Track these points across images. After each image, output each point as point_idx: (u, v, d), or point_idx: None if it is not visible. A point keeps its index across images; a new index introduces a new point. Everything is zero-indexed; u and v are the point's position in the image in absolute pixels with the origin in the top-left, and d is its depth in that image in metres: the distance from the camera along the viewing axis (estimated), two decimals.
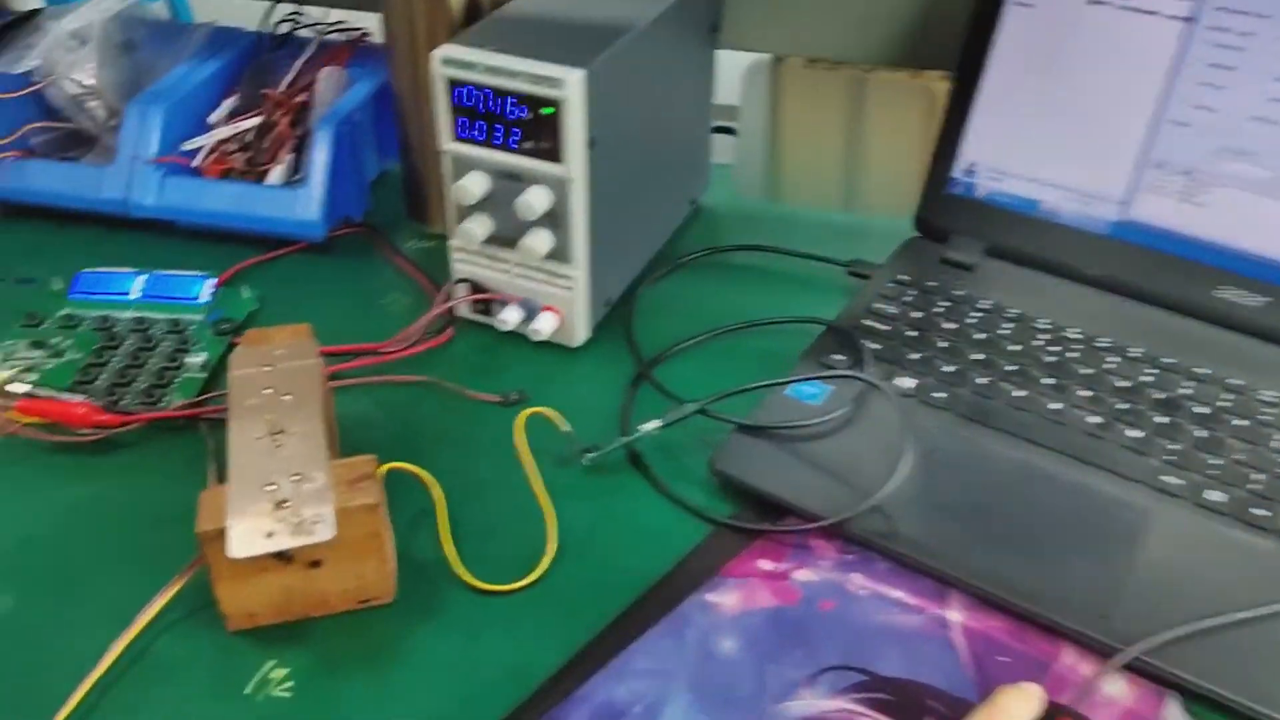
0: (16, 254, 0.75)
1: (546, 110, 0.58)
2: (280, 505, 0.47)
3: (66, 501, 0.57)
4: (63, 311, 0.68)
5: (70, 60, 0.78)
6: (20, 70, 0.78)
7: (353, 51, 0.81)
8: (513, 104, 0.58)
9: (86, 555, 0.54)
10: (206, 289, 0.69)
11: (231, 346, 0.66)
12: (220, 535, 0.46)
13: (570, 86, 0.57)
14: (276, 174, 0.75)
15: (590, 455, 0.57)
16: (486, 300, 0.66)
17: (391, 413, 0.62)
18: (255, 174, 0.76)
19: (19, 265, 0.73)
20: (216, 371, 0.65)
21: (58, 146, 0.79)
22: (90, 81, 0.78)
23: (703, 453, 0.58)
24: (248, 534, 0.45)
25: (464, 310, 0.68)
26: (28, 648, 0.49)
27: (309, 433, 0.51)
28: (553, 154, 0.59)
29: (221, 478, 0.56)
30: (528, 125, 0.59)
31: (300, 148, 0.76)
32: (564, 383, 0.65)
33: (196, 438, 0.60)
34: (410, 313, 0.70)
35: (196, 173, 0.76)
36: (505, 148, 0.60)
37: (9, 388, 0.60)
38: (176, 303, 0.68)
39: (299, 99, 0.78)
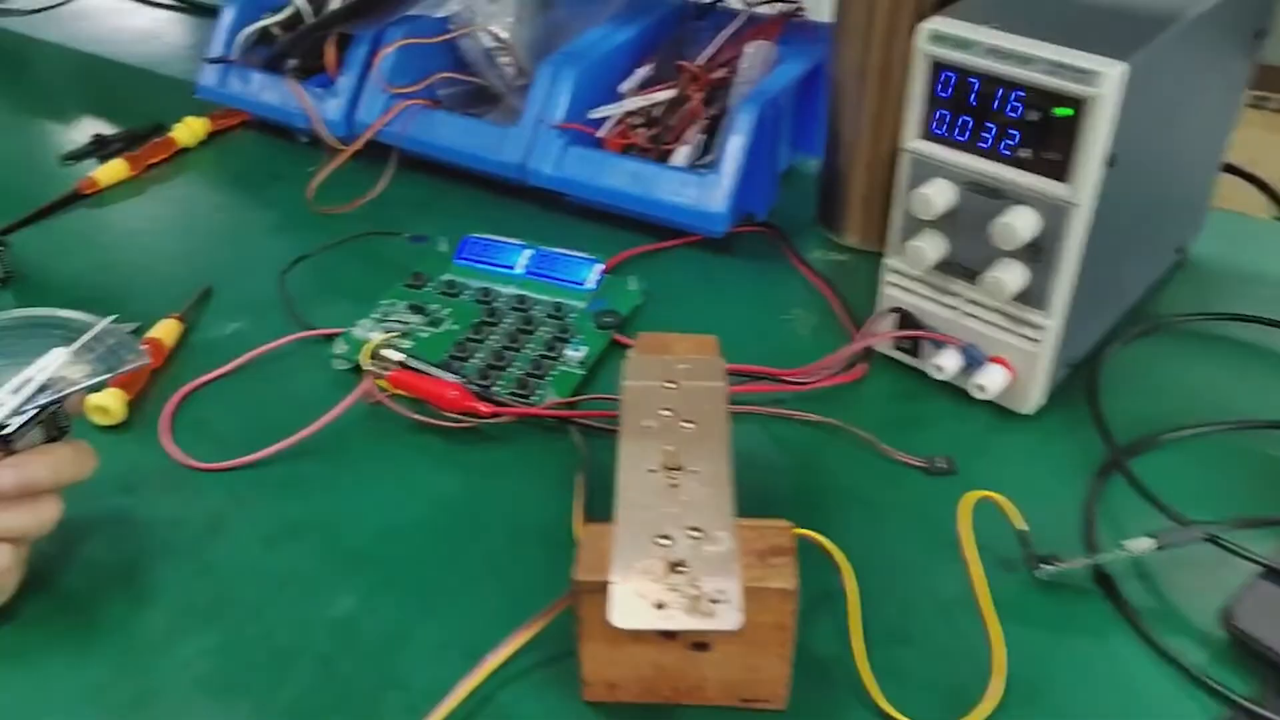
0: (406, 208, 0.71)
1: (1062, 112, 0.44)
2: (675, 568, 0.37)
3: (428, 493, 0.51)
4: (445, 276, 0.63)
5: (490, 11, 0.73)
6: (440, 14, 0.74)
7: (783, 27, 0.71)
8: (1017, 99, 0.45)
9: (439, 560, 0.47)
10: (594, 275, 0.62)
11: (612, 343, 0.58)
12: (600, 590, 0.37)
13: (1106, 83, 0.43)
14: (682, 155, 0.67)
15: (1048, 569, 0.44)
16: (917, 338, 0.54)
17: (789, 456, 0.52)
18: (658, 152, 0.68)
19: (408, 220, 0.69)
20: (594, 369, 0.57)
21: (460, 101, 0.75)
22: (505, 36, 0.74)
23: (1201, 591, 0.43)
24: (634, 601, 0.36)
25: (885, 345, 0.56)
26: (361, 658, 0.43)
27: (713, 476, 0.41)
28: (1058, 169, 0.46)
29: (592, 492, 0.49)
30: (1031, 129, 0.46)
31: (712, 129, 0.68)
32: (1003, 456, 0.51)
33: (567, 443, 0.53)
34: (816, 336, 0.60)
35: (599, 144, 0.69)
36: (993, 154, 0.47)
37: (384, 352, 0.55)
38: (561, 285, 0.61)
39: (716, 74, 0.69)
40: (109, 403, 0.53)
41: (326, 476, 0.52)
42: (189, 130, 0.78)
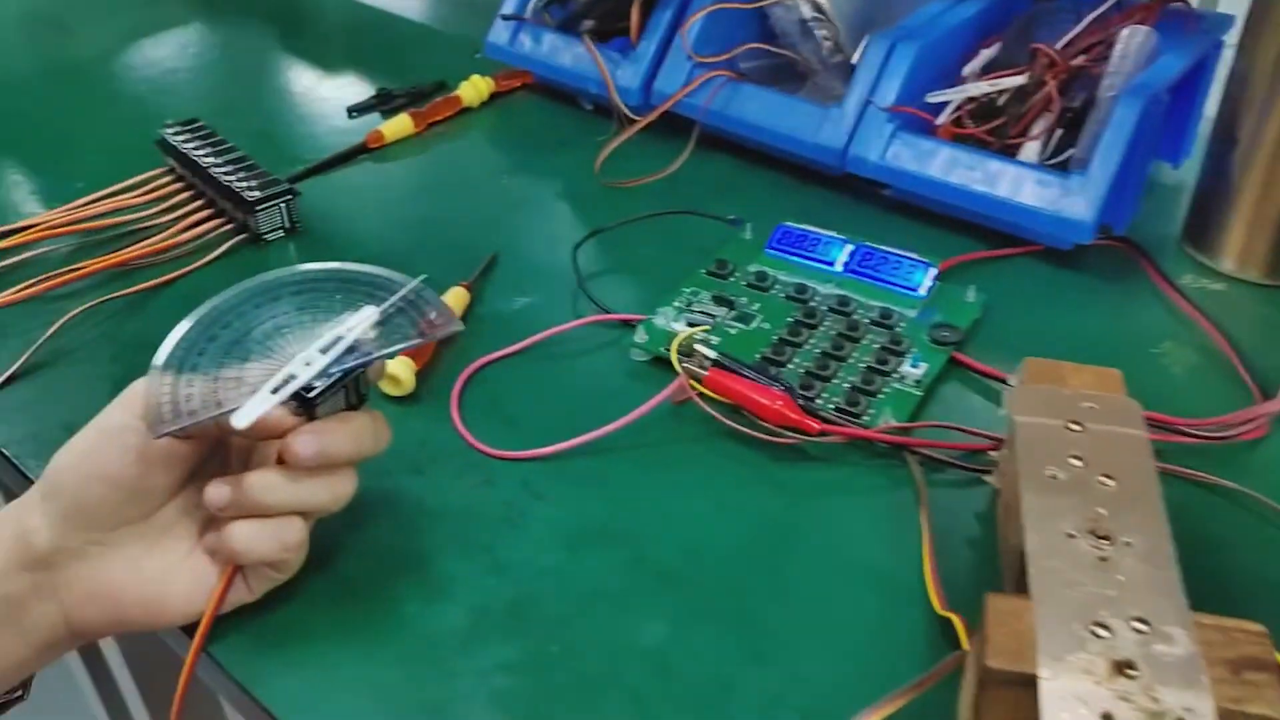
0: (702, 189, 0.65)
1: None
2: (1122, 670, 0.29)
3: (744, 513, 0.44)
4: (754, 266, 0.56)
5: None
6: None
7: (1160, 10, 0.61)
8: None
9: (759, 592, 0.41)
10: (927, 280, 0.54)
11: (951, 361, 0.51)
12: (1020, 684, 0.29)
13: None
14: (1030, 150, 0.58)
15: None
16: None
17: (1176, 522, 0.43)
18: (998, 146, 0.59)
19: (704, 202, 0.63)
20: (933, 390, 0.49)
21: (763, 76, 0.69)
22: (825, 6, 0.67)
23: None
24: (1073, 706, 0.28)
25: None
26: (680, 703, 0.37)
27: (1154, 552, 0.33)
28: None
29: (938, 538, 0.42)
30: None
31: (1071, 123, 0.59)
32: None
33: (901, 474, 0.46)
34: (1194, 377, 0.50)
35: (931, 133, 0.61)
36: None
37: (697, 347, 0.49)
38: (889, 289, 0.54)
39: (1077, 61, 0.60)
40: (400, 372, 0.50)
41: (629, 480, 0.46)
42: (474, 89, 0.75)
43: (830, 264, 0.55)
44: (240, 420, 0.36)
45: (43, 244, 0.61)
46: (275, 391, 0.37)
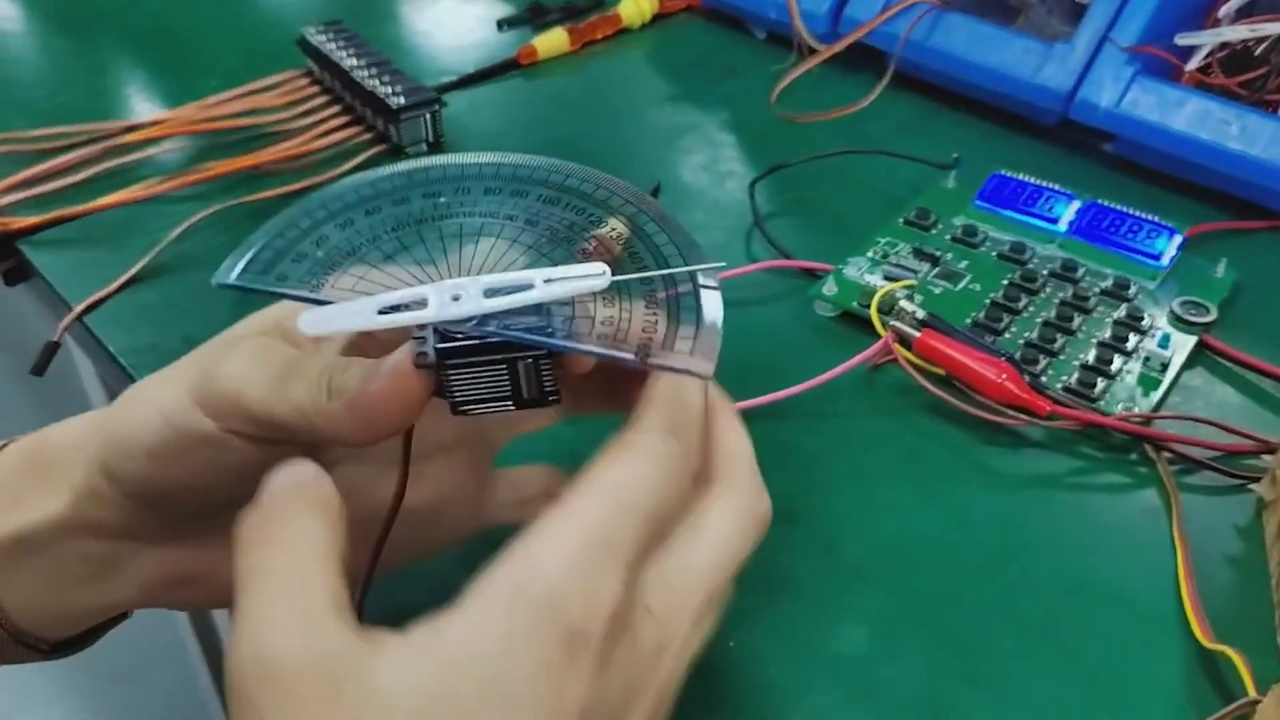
0: (890, 129, 0.57)
1: None
2: None
3: (954, 506, 0.37)
4: (961, 219, 0.49)
5: None
6: None
7: None
8: None
9: (975, 602, 0.34)
10: (1172, 248, 0.46)
11: (1201, 346, 0.43)
12: None
13: None
14: None
15: None
16: None
17: None
18: (1253, 100, 0.51)
19: (892, 144, 0.55)
20: (1178, 379, 0.42)
21: (969, 8, 0.61)
22: None
23: None
24: None
25: None
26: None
27: None
28: None
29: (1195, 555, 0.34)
30: None
31: None
32: None
33: (1142, 472, 0.38)
34: None
35: (1176, 80, 0.52)
36: None
37: (903, 304, 0.42)
38: (1123, 255, 0.46)
39: None
40: None
41: (816, 452, 0.40)
42: (636, 8, 0.68)
43: (1053, 221, 0.47)
44: (309, 324, 0.23)
45: (171, 141, 0.57)
46: (385, 313, 0.24)
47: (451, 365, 0.24)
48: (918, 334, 0.40)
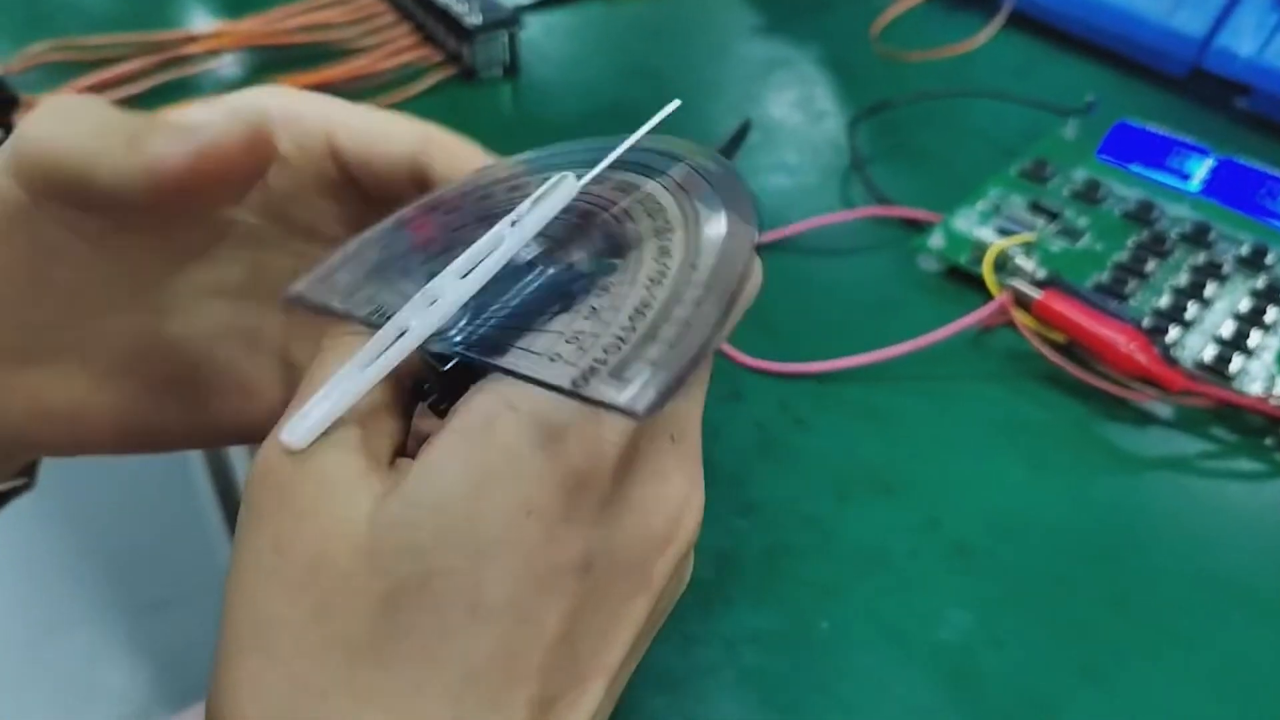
0: (999, 71, 0.53)
1: None
2: None
3: (1069, 485, 0.34)
4: (1081, 172, 0.44)
5: None
6: None
7: None
8: None
9: (1092, 592, 0.31)
10: None
11: None
12: None
13: None
14: None
15: None
16: None
17: None
18: None
19: (1004, 83, 0.51)
20: None
21: None
22: None
23: None
24: None
25: None
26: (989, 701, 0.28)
27: None
28: None
29: None
30: None
31: None
32: None
33: (1270, 453, 0.35)
34: None
35: None
36: None
37: (1020, 262, 0.38)
38: (1264, 221, 0.42)
39: None
40: None
41: (920, 419, 0.36)
42: None
43: (1185, 179, 0.43)
44: (298, 440, 0.20)
45: (232, 54, 0.54)
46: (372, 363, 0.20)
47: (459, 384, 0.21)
48: (1038, 295, 0.36)
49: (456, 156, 0.24)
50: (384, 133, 0.25)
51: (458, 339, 0.21)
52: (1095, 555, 0.32)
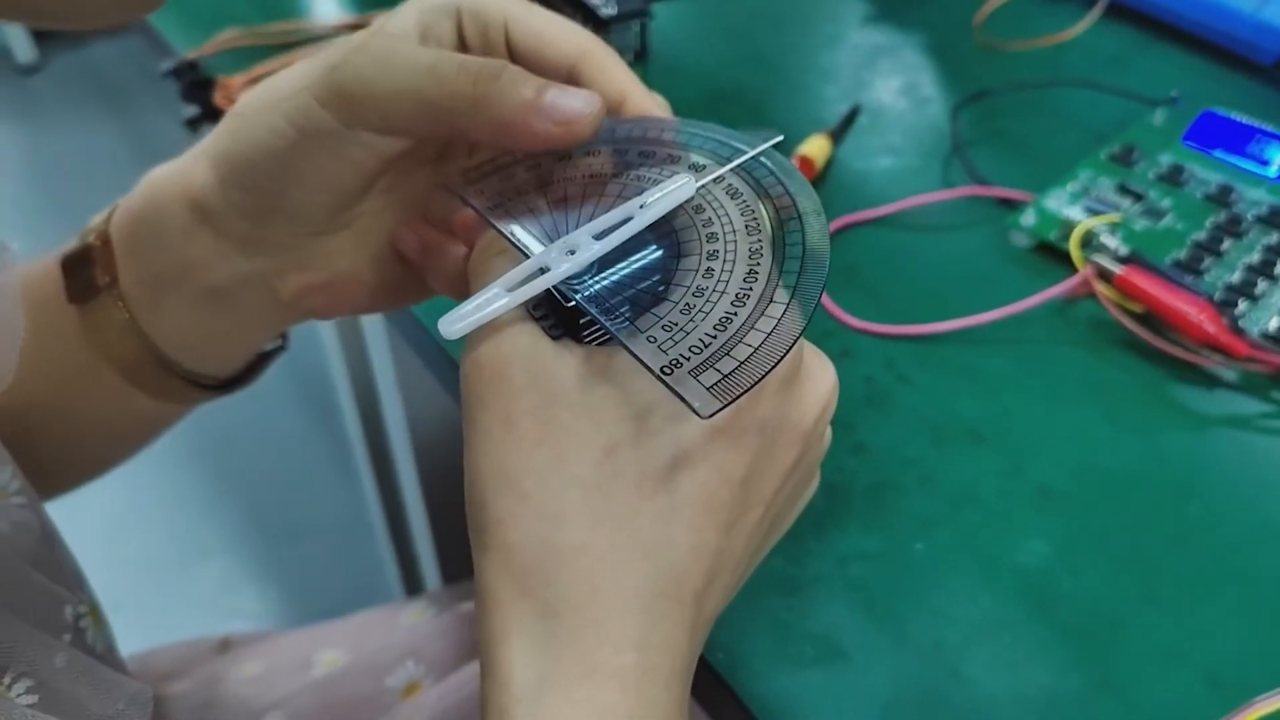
0: (1095, 60, 0.57)
1: None
2: None
3: (1142, 438, 0.39)
4: (1167, 157, 0.48)
5: None
6: None
7: None
8: None
9: (1159, 530, 0.36)
10: None
11: None
12: None
13: None
14: None
15: None
16: None
17: None
18: None
19: (1099, 76, 0.55)
20: None
21: None
22: None
23: None
24: None
25: None
26: (1064, 632, 0.33)
27: None
28: None
29: None
30: None
31: None
32: None
33: None
34: None
35: None
36: None
37: (1104, 239, 0.43)
38: None
39: None
40: None
41: (1008, 378, 0.41)
42: None
43: (1264, 164, 0.47)
44: (451, 328, 0.26)
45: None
46: (515, 289, 0.26)
47: (582, 316, 0.26)
48: (1119, 270, 0.41)
49: (606, 72, 0.31)
50: (553, 36, 0.31)
51: (580, 287, 0.26)
52: (1163, 499, 0.37)
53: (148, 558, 1.22)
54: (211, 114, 0.56)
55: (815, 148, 0.50)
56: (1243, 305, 0.41)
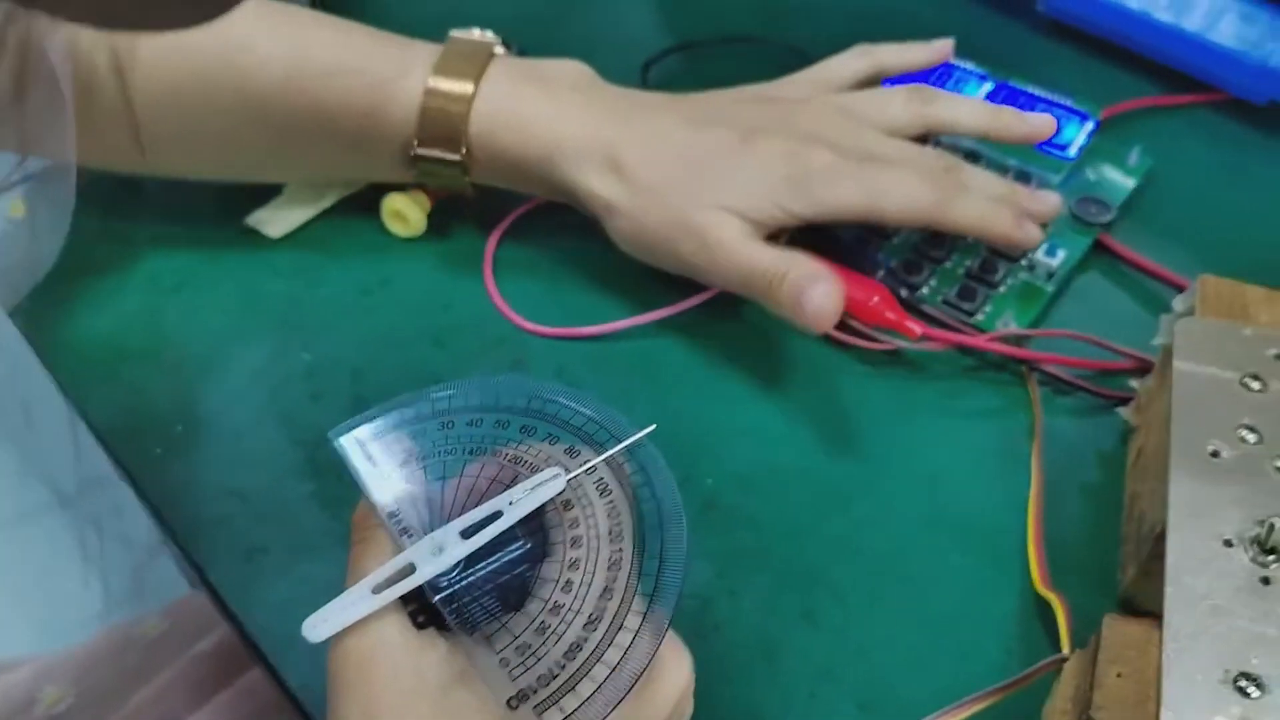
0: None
1: None
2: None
3: (815, 434, 0.37)
4: None
5: None
6: None
7: None
8: None
9: (821, 534, 0.34)
10: (1081, 136, 0.43)
11: (1097, 245, 0.41)
12: None
13: None
14: None
15: None
16: None
17: None
18: None
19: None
20: (1068, 284, 0.40)
21: None
22: None
23: None
24: None
25: None
26: (718, 661, 0.31)
27: None
28: None
29: (1051, 483, 0.33)
30: None
31: None
32: None
33: (1016, 393, 0.37)
34: None
35: None
36: None
37: None
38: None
39: None
40: (407, 210, 0.42)
41: (682, 376, 0.39)
42: None
43: None
44: (314, 632, 0.25)
45: None
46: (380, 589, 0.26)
47: (452, 609, 0.26)
48: None
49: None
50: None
51: (446, 584, 0.26)
52: (831, 499, 0.35)
53: None
54: None
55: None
56: (926, 270, 0.39)
